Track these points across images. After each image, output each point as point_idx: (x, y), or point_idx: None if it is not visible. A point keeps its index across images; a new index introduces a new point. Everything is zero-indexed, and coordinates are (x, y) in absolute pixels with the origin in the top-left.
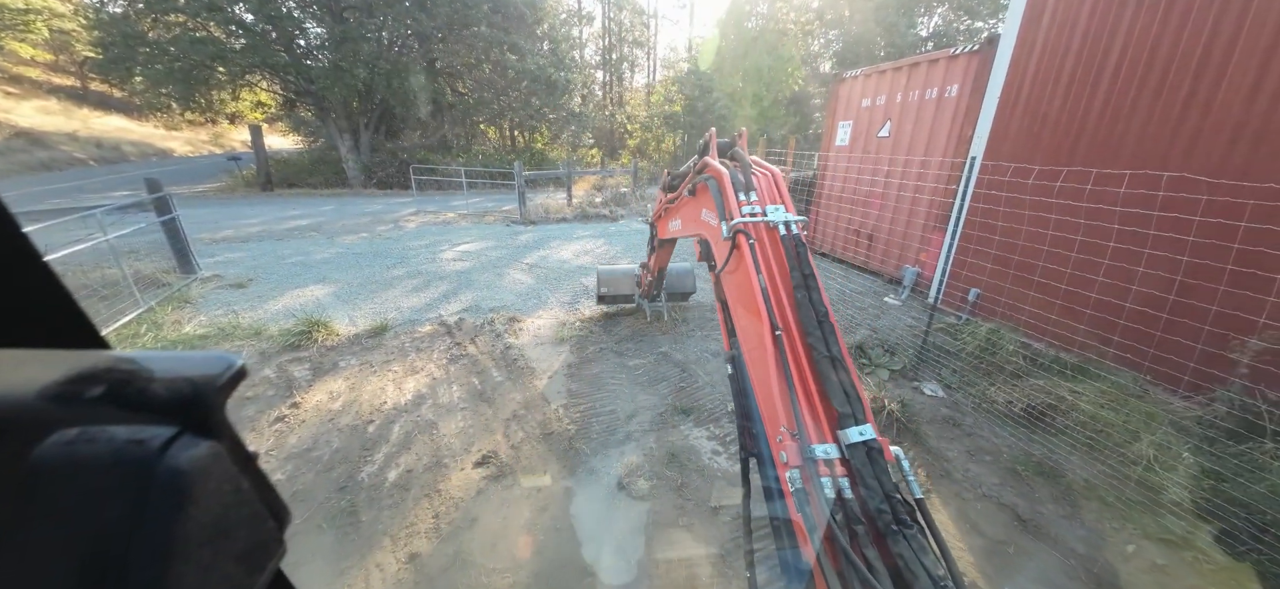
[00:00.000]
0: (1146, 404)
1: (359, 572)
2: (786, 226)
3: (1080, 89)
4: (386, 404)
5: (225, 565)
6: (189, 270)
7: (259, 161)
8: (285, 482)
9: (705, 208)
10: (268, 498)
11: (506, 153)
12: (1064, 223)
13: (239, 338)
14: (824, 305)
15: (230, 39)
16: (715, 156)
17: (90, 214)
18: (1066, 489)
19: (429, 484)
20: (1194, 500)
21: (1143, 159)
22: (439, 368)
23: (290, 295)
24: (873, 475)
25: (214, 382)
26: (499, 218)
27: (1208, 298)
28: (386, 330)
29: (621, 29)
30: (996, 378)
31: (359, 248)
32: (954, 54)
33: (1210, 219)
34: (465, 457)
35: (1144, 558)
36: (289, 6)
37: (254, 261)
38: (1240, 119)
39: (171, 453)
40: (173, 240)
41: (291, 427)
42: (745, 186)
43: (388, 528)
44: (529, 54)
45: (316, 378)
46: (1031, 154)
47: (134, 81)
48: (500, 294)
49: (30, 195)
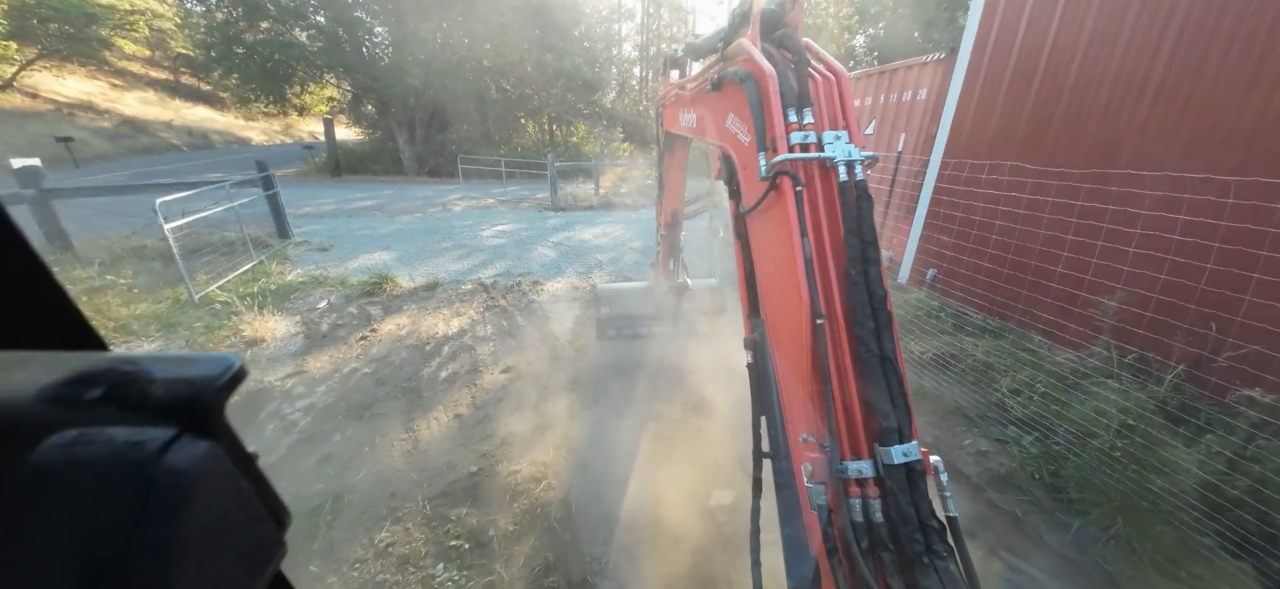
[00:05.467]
0: (1030, 356)
1: (422, 421)
2: (849, 169)
3: (1015, 95)
4: (438, 333)
5: (226, 566)
6: (285, 235)
7: (330, 150)
8: (371, 374)
9: (733, 113)
10: (268, 499)
11: (543, 145)
12: (994, 210)
13: (328, 285)
14: (883, 288)
15: (310, 42)
16: (757, 38)
17: (220, 186)
18: (939, 409)
19: (468, 380)
20: (1031, 417)
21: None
22: (477, 313)
23: (362, 258)
24: (910, 500)
25: (213, 383)
26: (532, 204)
27: (1083, 268)
28: (437, 286)
29: (660, 25)
30: (920, 336)
31: (414, 225)
32: (925, 61)
33: (1090, 204)
34: (494, 366)
35: (974, 448)
36: (360, 13)
37: (331, 232)
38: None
39: (171, 455)
40: (274, 211)
41: (371, 344)
42: (798, 98)
43: (440, 401)
44: (566, 54)
45: (387, 314)
46: (978, 152)
47: (229, 79)
48: (528, 264)
49: (146, 173)
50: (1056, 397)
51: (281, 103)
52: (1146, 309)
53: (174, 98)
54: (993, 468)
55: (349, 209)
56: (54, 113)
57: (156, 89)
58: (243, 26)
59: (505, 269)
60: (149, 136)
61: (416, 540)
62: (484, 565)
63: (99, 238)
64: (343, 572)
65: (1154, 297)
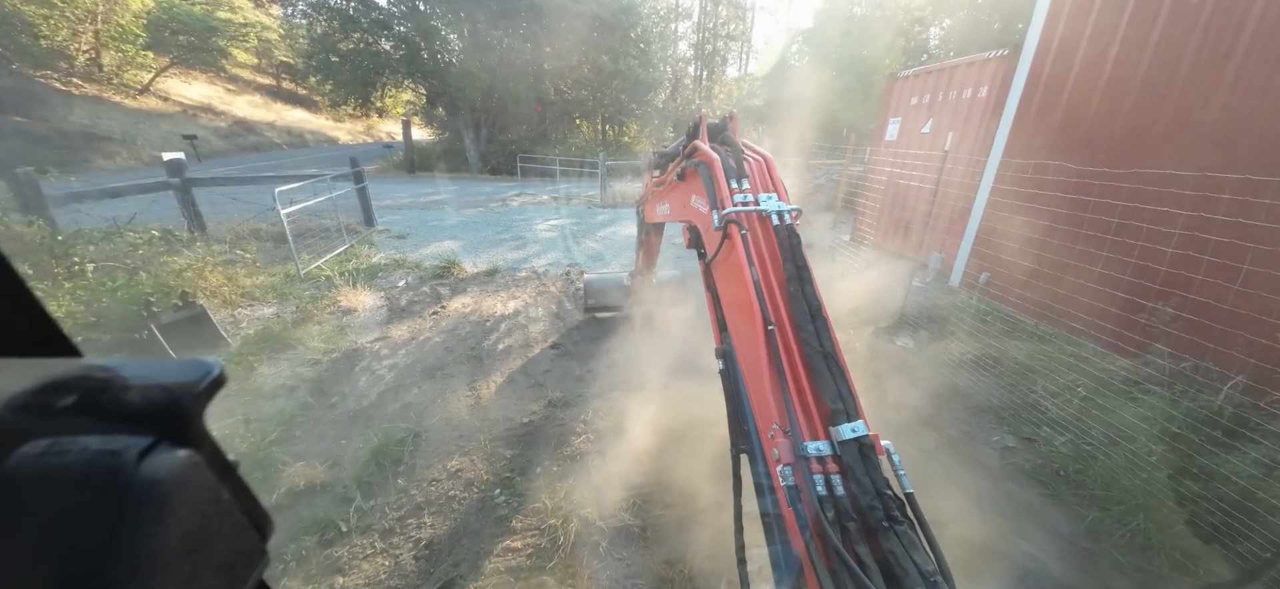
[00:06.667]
0: (1078, 361)
1: (483, 383)
2: (779, 216)
3: (1080, 92)
4: (497, 312)
5: (206, 577)
6: (371, 223)
7: (407, 149)
8: (441, 343)
9: (695, 194)
10: (249, 508)
11: (596, 145)
12: (1056, 213)
13: (406, 267)
14: (817, 299)
15: (393, 50)
16: (706, 140)
17: (321, 179)
18: (973, 406)
19: (521, 352)
20: (1068, 418)
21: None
22: (530, 297)
23: (434, 245)
24: (864, 472)
25: (192, 389)
26: (583, 201)
27: (1150, 276)
28: (497, 272)
29: (717, 23)
30: (962, 338)
31: (477, 218)
32: (987, 58)
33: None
34: (544, 342)
35: (1001, 444)
36: (435, 24)
37: (407, 222)
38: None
39: (148, 463)
40: (362, 202)
41: (441, 318)
42: (737, 173)
43: (497, 368)
44: (621, 56)
45: (454, 294)
46: (1041, 152)
47: (325, 85)
48: (576, 255)
49: (254, 168)
50: (1098, 401)
51: (366, 106)
52: (1212, 318)
53: (276, 101)
54: (1017, 463)
55: (422, 203)
56: (181, 114)
57: (262, 94)
58: (338, 38)
59: (555, 260)
60: (256, 136)
61: (479, 469)
62: (532, 493)
63: (225, 221)
64: (423, 487)
65: (1223, 307)
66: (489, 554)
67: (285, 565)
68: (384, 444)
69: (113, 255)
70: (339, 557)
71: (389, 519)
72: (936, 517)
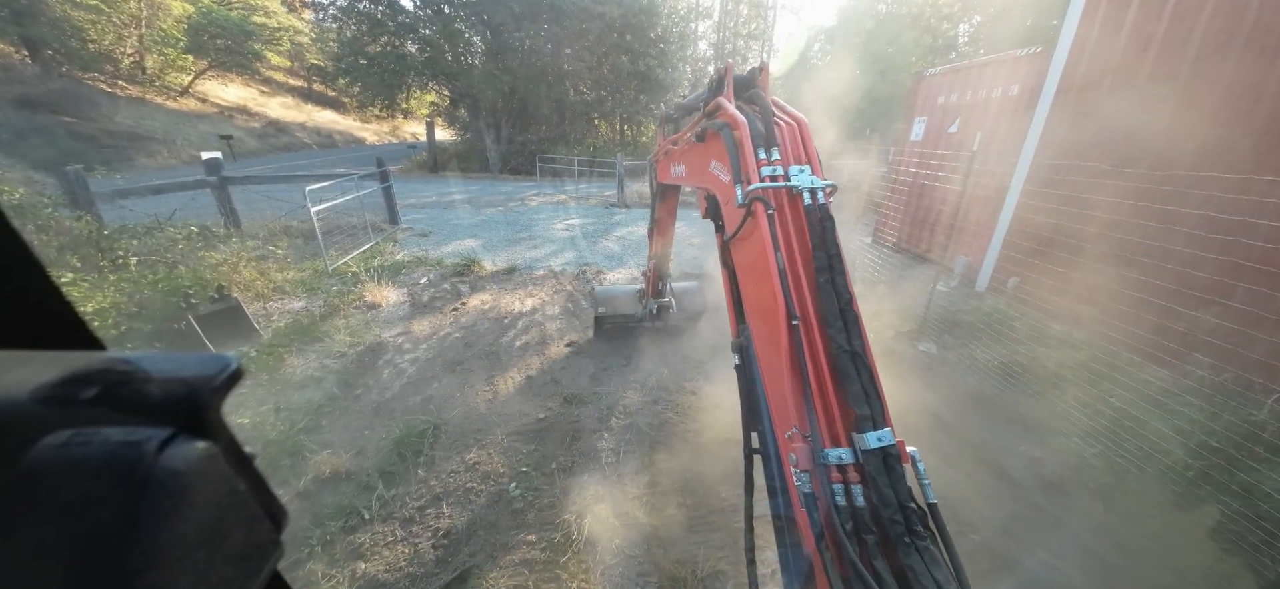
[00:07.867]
0: (1112, 371)
1: (501, 378)
2: (812, 194)
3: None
4: (515, 310)
5: (221, 568)
6: (395, 221)
7: (430, 149)
8: (461, 339)
9: (715, 159)
10: (265, 499)
11: (615, 145)
12: (1089, 216)
13: (428, 264)
14: (848, 292)
15: (418, 52)
16: (731, 97)
17: (349, 178)
18: (995, 413)
19: (537, 350)
20: (1099, 429)
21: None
22: (547, 295)
23: (455, 243)
24: (888, 483)
25: (210, 382)
26: (601, 201)
27: (1190, 283)
28: (515, 270)
29: (737, 23)
30: (987, 343)
31: (497, 217)
32: (1018, 55)
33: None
34: (559, 340)
35: (1028, 454)
36: (459, 26)
37: (430, 221)
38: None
39: (166, 455)
40: (387, 201)
41: (461, 314)
42: (766, 140)
43: (514, 364)
44: (641, 56)
45: (474, 291)
46: (1076, 155)
47: (353, 87)
48: (592, 255)
49: (286, 167)
50: (1131, 413)
51: (392, 107)
52: (1255, 328)
53: (307, 103)
54: (1045, 474)
55: (444, 202)
56: (218, 115)
57: (294, 95)
58: (367, 41)
59: (572, 259)
60: (288, 136)
61: (496, 463)
62: (546, 487)
63: (258, 218)
64: (442, 477)
65: (1269, 317)
66: (505, 547)
67: (310, 549)
68: (405, 435)
69: (154, 249)
70: (361, 543)
71: (409, 508)
72: (955, 527)
